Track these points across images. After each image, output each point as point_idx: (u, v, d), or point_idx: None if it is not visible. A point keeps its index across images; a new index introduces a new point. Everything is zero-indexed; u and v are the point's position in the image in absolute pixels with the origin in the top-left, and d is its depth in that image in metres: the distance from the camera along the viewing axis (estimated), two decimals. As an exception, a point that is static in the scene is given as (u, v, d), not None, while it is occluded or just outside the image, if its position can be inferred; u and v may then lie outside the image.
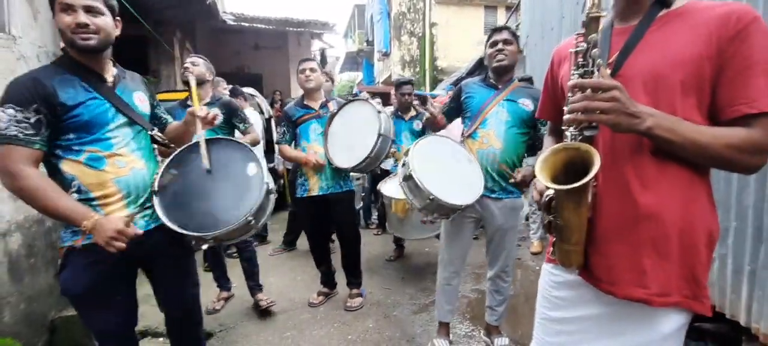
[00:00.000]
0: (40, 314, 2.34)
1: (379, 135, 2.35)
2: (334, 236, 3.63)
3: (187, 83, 2.20)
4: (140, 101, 1.49)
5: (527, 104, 2.00)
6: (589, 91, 0.82)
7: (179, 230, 1.40)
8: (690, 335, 2.10)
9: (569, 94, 0.86)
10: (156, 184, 1.45)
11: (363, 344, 2.39)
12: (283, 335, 2.49)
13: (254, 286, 2.85)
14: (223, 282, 2.94)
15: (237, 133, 2.68)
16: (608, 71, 0.85)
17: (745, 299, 1.79)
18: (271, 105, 6.31)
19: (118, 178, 1.35)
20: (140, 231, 1.33)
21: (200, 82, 2.68)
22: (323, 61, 10.86)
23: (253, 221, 1.48)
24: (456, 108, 2.19)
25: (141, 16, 4.76)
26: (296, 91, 8.16)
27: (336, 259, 3.01)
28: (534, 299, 1.14)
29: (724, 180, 1.85)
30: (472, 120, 2.08)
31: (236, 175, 1.55)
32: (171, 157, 1.53)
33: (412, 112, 3.72)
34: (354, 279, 2.90)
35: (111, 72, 1.41)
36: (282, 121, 2.73)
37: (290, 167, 4.40)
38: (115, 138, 1.36)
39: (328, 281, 2.96)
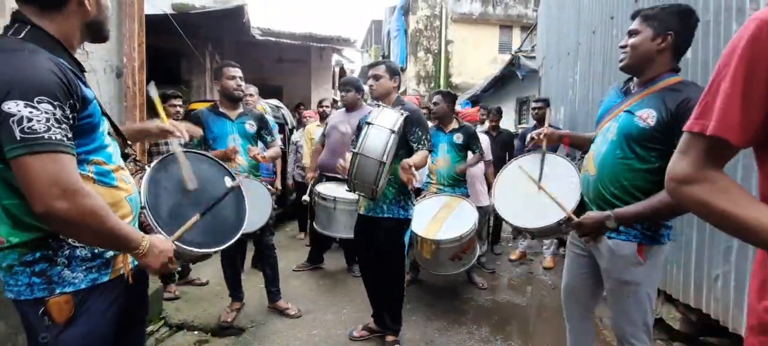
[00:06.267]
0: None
1: (354, 154, 1.95)
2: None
3: (149, 97, 1.86)
4: None
5: (646, 117, 1.41)
6: None
7: (209, 251, 1.39)
8: (696, 350, 2.24)
9: None
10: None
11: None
12: (310, 333, 2.68)
13: (275, 292, 2.93)
14: (236, 293, 2.90)
15: (260, 144, 2.77)
16: None
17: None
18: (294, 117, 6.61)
19: (130, 196, 1.11)
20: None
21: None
22: (342, 75, 11.24)
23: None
24: None
25: (180, 29, 5.11)
26: (316, 104, 8.45)
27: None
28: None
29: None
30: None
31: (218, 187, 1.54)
32: (151, 174, 1.33)
33: (455, 125, 3.43)
34: (391, 325, 2.51)
35: None
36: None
37: (300, 180, 4.53)
38: (109, 146, 1.07)
39: (379, 318, 2.56)
